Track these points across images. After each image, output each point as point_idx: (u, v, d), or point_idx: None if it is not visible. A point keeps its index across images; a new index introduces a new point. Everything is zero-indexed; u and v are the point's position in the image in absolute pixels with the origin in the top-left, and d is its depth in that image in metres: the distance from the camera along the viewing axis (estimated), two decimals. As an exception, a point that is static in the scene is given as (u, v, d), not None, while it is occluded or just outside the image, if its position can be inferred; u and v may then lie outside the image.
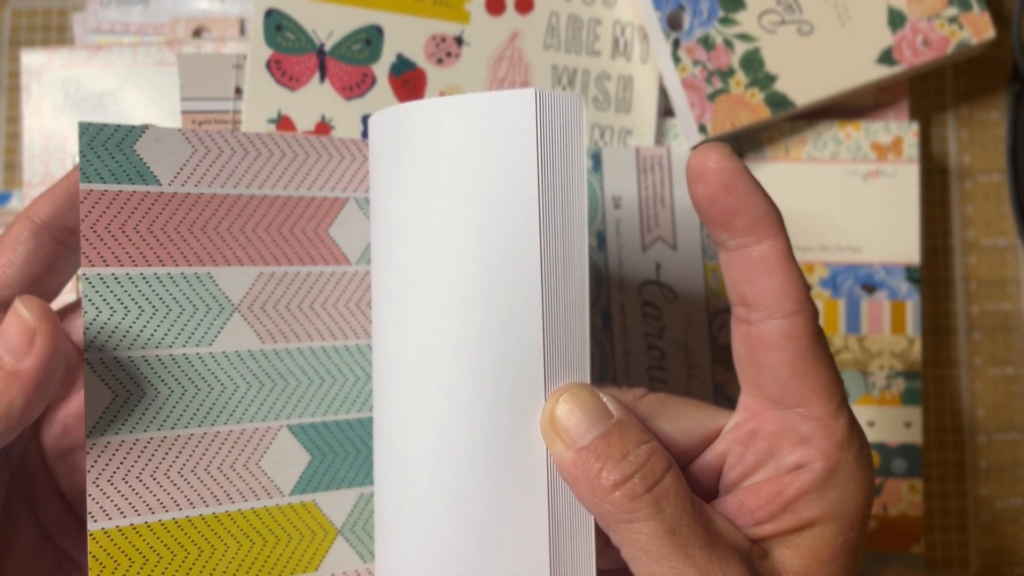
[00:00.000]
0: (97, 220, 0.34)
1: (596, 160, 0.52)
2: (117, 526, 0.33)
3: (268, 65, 0.51)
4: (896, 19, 0.51)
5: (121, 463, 0.34)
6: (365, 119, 0.51)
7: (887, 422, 0.52)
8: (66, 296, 0.50)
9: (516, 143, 0.31)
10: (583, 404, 0.30)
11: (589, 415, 0.30)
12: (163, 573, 0.34)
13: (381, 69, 0.52)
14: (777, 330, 0.31)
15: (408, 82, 0.52)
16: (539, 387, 0.31)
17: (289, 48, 0.51)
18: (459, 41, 0.52)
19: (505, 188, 0.31)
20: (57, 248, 0.36)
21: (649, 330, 0.51)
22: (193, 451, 0.35)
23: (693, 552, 0.29)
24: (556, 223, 0.31)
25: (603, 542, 0.34)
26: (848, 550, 0.31)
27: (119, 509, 0.34)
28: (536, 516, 0.31)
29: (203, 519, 0.35)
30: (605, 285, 0.51)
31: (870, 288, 0.53)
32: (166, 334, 0.35)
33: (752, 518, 0.31)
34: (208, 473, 0.35)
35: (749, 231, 0.31)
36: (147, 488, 0.34)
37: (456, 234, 0.31)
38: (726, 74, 0.51)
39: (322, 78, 0.52)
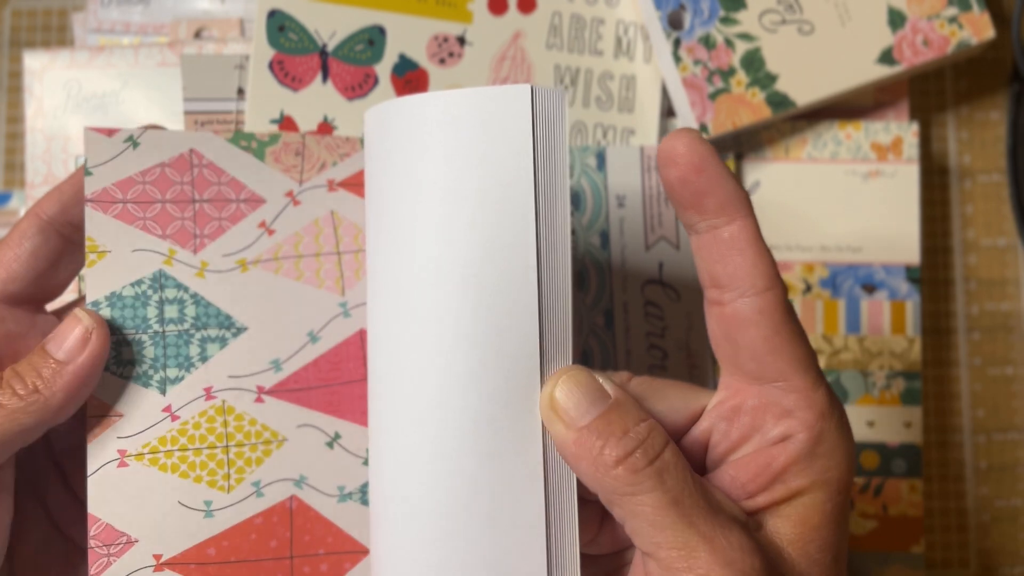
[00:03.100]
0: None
1: (600, 159, 0.52)
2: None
3: (271, 66, 0.51)
4: (896, 19, 0.52)
5: None
6: (367, 119, 0.52)
7: (887, 422, 0.53)
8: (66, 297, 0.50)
9: (513, 137, 0.32)
10: (581, 385, 0.31)
11: (588, 395, 0.31)
12: None
13: (383, 69, 0.52)
14: (751, 307, 0.32)
15: (410, 82, 0.52)
16: (535, 374, 0.32)
17: (292, 49, 0.51)
18: (461, 41, 0.53)
19: (502, 180, 0.32)
20: (63, 244, 0.36)
21: (651, 329, 0.51)
22: None
23: (697, 521, 0.29)
24: (548, 213, 0.32)
25: (595, 529, 0.35)
26: (837, 515, 0.32)
27: None
28: (533, 504, 0.32)
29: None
30: (608, 284, 0.51)
31: (870, 288, 0.53)
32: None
33: (744, 491, 0.32)
34: None
35: (719, 212, 0.32)
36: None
37: (453, 224, 0.32)
38: (727, 73, 0.51)
39: (324, 78, 0.52)
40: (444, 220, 0.32)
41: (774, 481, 0.31)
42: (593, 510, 0.33)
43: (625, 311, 0.51)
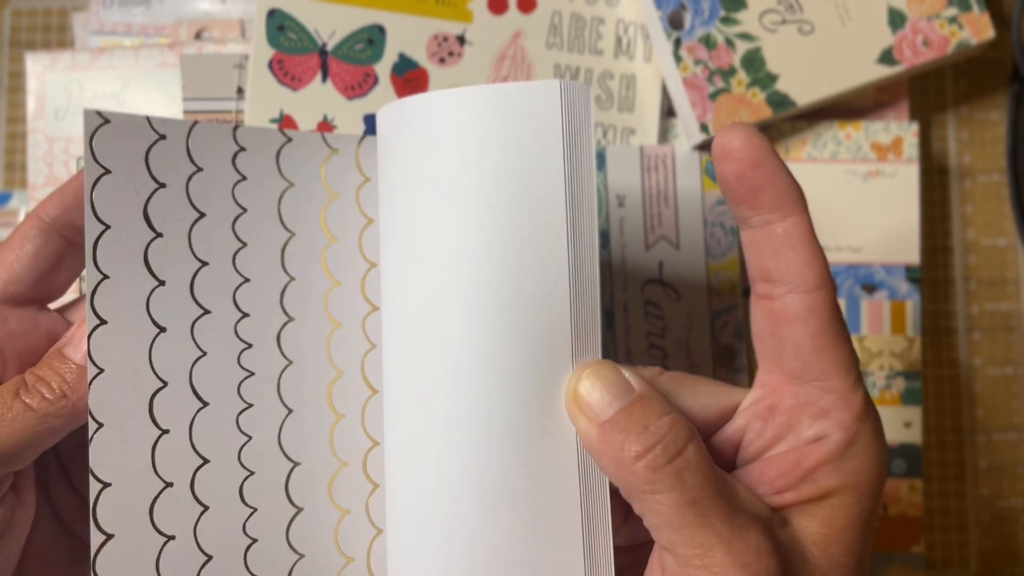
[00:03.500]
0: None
1: (600, 158, 0.52)
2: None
3: (270, 65, 0.51)
4: (896, 19, 0.52)
5: None
6: (367, 119, 0.52)
7: (887, 422, 0.52)
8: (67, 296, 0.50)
9: (546, 131, 0.32)
10: (604, 379, 0.31)
11: (611, 389, 0.31)
12: None
13: (383, 69, 0.52)
14: (800, 304, 0.32)
15: (410, 82, 0.52)
16: (567, 369, 0.32)
17: (291, 48, 0.51)
18: (461, 40, 0.53)
19: (532, 176, 0.32)
20: (64, 245, 0.36)
21: (651, 329, 0.51)
22: None
23: (714, 522, 0.29)
24: (578, 208, 0.32)
25: (619, 519, 0.35)
26: (864, 519, 0.31)
27: None
28: (569, 501, 0.32)
29: None
30: (608, 284, 0.51)
31: (870, 288, 0.53)
32: None
33: (772, 487, 0.32)
34: None
35: (774, 208, 0.32)
36: None
37: (482, 221, 0.32)
38: (727, 73, 0.51)
39: (324, 78, 0.52)
40: (474, 216, 0.32)
41: (803, 479, 0.31)
42: (618, 501, 0.33)
43: (625, 311, 0.51)
